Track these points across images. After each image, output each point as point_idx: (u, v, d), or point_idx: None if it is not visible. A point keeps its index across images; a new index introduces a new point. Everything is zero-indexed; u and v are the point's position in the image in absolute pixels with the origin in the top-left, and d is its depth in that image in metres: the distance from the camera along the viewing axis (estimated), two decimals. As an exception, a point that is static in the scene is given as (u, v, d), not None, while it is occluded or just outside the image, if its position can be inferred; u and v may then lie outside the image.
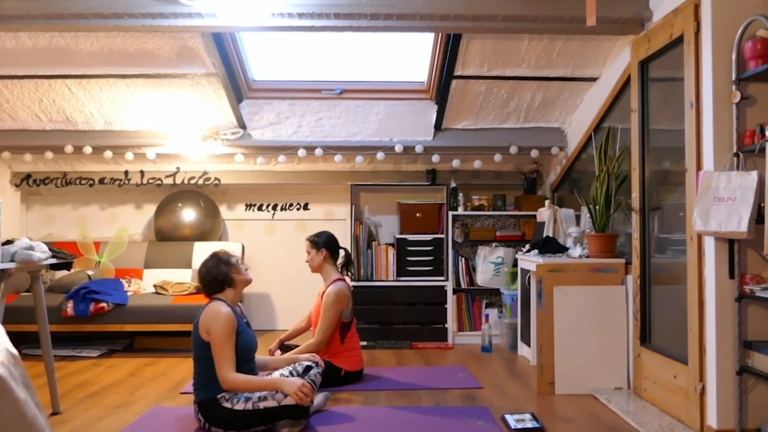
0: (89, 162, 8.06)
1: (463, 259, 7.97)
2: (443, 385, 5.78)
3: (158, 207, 8.22)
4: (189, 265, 7.88)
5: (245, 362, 4.58)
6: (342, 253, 6.23)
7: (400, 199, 8.11)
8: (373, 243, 7.94)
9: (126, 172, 8.14)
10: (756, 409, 4.24)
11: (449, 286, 7.76)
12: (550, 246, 6.28)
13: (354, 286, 7.67)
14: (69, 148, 7.57)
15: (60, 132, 7.69)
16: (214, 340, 4.42)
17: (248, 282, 4.86)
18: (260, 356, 5.03)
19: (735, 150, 4.21)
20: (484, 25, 5.67)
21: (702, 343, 4.41)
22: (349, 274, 6.25)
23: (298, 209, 8.59)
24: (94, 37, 6.18)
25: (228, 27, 5.81)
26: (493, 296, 8.01)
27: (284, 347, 6.00)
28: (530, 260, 6.28)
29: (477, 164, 7.77)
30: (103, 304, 6.85)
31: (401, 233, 7.98)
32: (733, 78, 4.20)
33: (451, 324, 7.72)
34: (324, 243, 6.05)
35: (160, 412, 5.01)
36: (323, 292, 5.96)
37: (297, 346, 5.86)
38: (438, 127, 7.62)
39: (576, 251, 5.98)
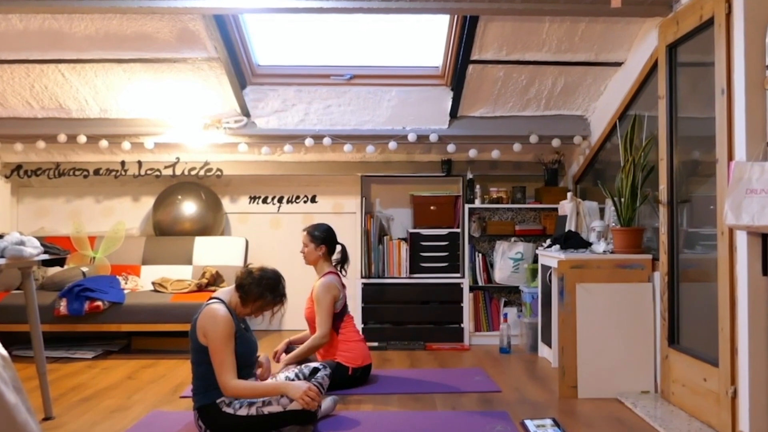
0: (84, 152, 8.10)
1: (480, 254, 7.99)
2: (459, 389, 5.82)
3: (157, 199, 8.25)
4: (189, 261, 7.92)
5: (243, 368, 4.57)
6: (339, 248, 6.30)
7: (414, 191, 8.14)
8: (385, 238, 7.96)
9: (123, 163, 8.18)
10: (791, 413, 4.26)
11: (465, 283, 7.79)
12: (573, 241, 6.30)
13: (364, 284, 7.77)
14: (62, 137, 7.61)
15: (53, 120, 7.73)
16: (212, 345, 4.43)
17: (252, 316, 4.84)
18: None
19: (769, 139, 4.23)
20: (502, 7, 5.70)
21: (734, 344, 4.42)
22: (344, 271, 6.30)
23: (305, 202, 8.63)
24: (89, 19, 6.21)
25: (231, 8, 5.85)
26: (512, 294, 8.03)
27: (290, 349, 6.04)
28: (551, 256, 6.30)
29: (495, 154, 7.79)
30: (99, 303, 6.88)
31: (414, 227, 8.01)
32: (767, 63, 4.21)
33: (467, 324, 7.75)
34: (324, 239, 6.14)
35: (158, 417, 5.04)
36: (314, 287, 6.07)
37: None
38: (454, 114, 7.64)
39: (600, 246, 6.00)
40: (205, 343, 4.45)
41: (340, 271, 6.26)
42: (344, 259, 6.32)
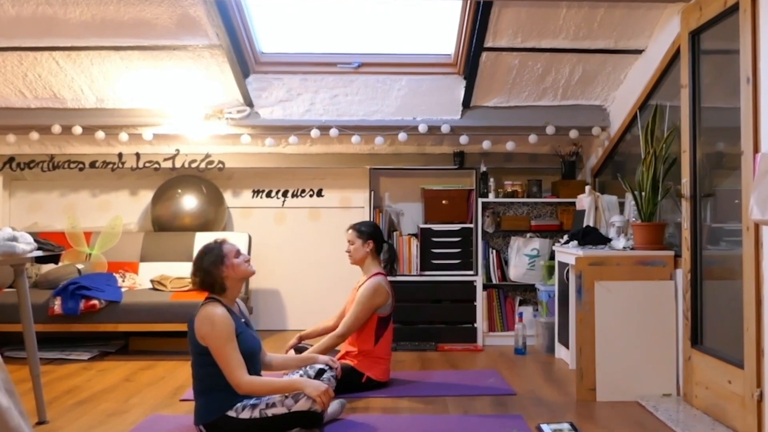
0: (79, 143, 8.12)
1: (494, 251, 8.02)
2: (472, 391, 5.84)
3: (155, 193, 8.27)
4: (189, 258, 7.71)
5: (248, 366, 4.58)
6: (385, 247, 6.31)
7: (425, 184, 8.18)
8: (395, 233, 7.98)
9: (120, 155, 8.21)
10: (819, 417, 4.27)
11: (479, 281, 7.81)
12: (591, 237, 6.31)
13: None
14: (57, 128, 7.63)
15: (46, 110, 7.76)
16: (214, 346, 4.45)
17: (246, 277, 4.89)
18: (268, 353, 5.10)
19: (797, 130, 4.23)
20: (517, -9, 5.72)
21: (760, 345, 4.42)
22: (394, 270, 6.28)
23: (311, 196, 8.65)
24: (85, 4, 6.23)
25: (233, -7, 5.88)
26: (527, 292, 8.06)
27: (298, 348, 6.04)
28: (569, 252, 6.32)
29: (510, 146, 7.81)
30: (95, 302, 6.91)
31: (425, 222, 8.03)
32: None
33: (480, 323, 7.77)
34: (371, 234, 6.13)
35: (157, 421, 5.07)
36: (359, 286, 6.05)
37: (311, 346, 5.90)
38: (466, 104, 7.66)
39: (619, 242, 6.01)
40: (205, 345, 4.47)
41: (391, 272, 6.26)
42: (393, 257, 6.35)
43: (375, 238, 6.14)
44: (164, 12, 6.32)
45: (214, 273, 4.65)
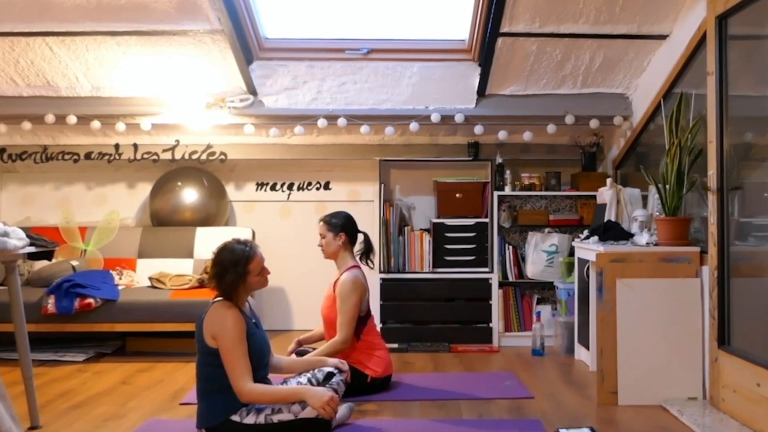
0: (74, 134, 8.15)
1: (510, 247, 8.02)
2: (487, 395, 5.85)
3: (154, 186, 8.28)
4: (190, 255, 7.97)
5: (257, 369, 4.60)
6: (361, 237, 6.28)
7: (437, 177, 8.19)
8: (406, 228, 8.01)
9: (117, 146, 8.23)
10: None
11: (494, 278, 7.82)
12: (613, 232, 6.31)
13: (383, 279, 7.80)
14: (50, 118, 7.64)
15: (39, 98, 7.77)
16: (223, 348, 4.45)
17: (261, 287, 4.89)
18: (276, 355, 5.12)
19: (829, 119, 4.23)
20: (535, -27, 5.73)
21: (790, 346, 4.44)
22: (370, 263, 6.30)
23: (317, 189, 8.67)
24: (80, -13, 6.27)
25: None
26: (545, 291, 8.08)
27: (299, 352, 6.02)
28: (589, 248, 6.33)
29: (527, 136, 7.81)
30: (90, 300, 6.93)
31: (438, 217, 8.05)
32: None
33: (496, 323, 7.79)
34: (342, 226, 6.10)
35: (156, 425, 5.08)
36: (335, 282, 6.04)
37: (313, 350, 5.88)
38: (481, 93, 7.66)
39: (642, 238, 6.01)
40: (214, 346, 4.47)
41: (367, 263, 6.25)
42: (369, 248, 6.27)
43: (347, 230, 6.11)
44: (163, -5, 6.36)
45: (231, 290, 4.60)
